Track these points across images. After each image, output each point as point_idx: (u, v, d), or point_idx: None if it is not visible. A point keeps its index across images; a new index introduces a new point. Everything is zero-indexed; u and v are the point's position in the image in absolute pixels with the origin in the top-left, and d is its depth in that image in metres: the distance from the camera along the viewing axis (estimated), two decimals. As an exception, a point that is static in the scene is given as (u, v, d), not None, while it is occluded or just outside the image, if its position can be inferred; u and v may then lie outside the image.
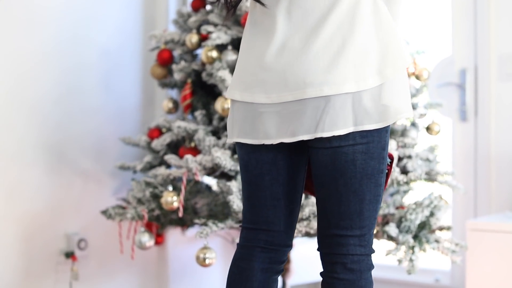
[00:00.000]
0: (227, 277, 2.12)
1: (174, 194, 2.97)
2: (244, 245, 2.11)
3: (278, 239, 2.07)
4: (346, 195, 1.95)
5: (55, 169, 3.41)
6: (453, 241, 3.14)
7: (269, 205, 2.05)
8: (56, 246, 3.41)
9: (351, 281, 1.97)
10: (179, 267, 3.89)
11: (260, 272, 2.06)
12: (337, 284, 1.98)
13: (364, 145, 1.93)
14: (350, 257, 1.96)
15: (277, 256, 2.08)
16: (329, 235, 1.99)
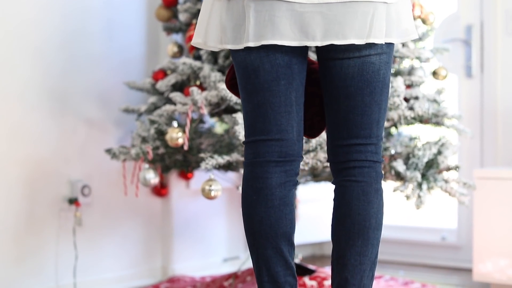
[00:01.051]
0: (242, 202, 2.02)
1: (179, 130, 2.94)
2: (255, 162, 2.00)
3: (292, 149, 2.00)
4: (370, 105, 1.98)
5: (58, 114, 3.38)
6: (460, 180, 3.11)
7: (283, 111, 1.98)
8: (59, 193, 3.38)
9: (368, 183, 2.00)
10: (183, 219, 3.86)
11: (278, 189, 1.98)
12: (355, 186, 1.99)
13: (387, 55, 1.99)
14: (367, 162, 2.00)
15: (293, 167, 2.01)
16: (348, 145, 2.01)
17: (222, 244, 4.08)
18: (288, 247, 2.01)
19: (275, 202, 1.97)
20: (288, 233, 2.00)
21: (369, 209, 1.98)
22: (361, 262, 1.98)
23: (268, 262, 1.99)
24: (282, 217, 1.98)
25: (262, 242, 1.98)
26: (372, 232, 1.98)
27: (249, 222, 2.00)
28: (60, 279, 3.37)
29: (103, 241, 3.56)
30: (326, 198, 4.37)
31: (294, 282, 2.04)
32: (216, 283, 3.48)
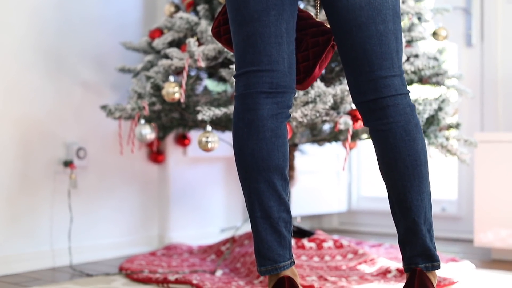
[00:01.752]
0: (232, 135, 1.99)
1: (176, 85, 2.90)
2: (246, 94, 1.97)
3: (283, 80, 1.97)
4: (385, 33, 1.95)
5: (54, 75, 3.34)
6: (461, 137, 3.06)
7: (273, 42, 1.95)
8: (54, 155, 3.33)
9: (407, 120, 1.98)
10: (180, 188, 3.82)
11: (270, 120, 1.95)
12: (395, 128, 1.97)
13: None
14: (399, 97, 1.98)
15: (284, 100, 1.99)
16: (373, 79, 1.97)
17: (220, 214, 4.04)
18: (282, 181, 1.97)
19: (267, 134, 1.94)
20: (280, 167, 1.96)
21: (416, 147, 1.98)
22: (422, 199, 1.99)
23: (260, 196, 1.95)
24: (274, 149, 1.95)
25: (254, 175, 1.95)
26: (424, 168, 1.99)
27: (240, 155, 1.97)
28: (55, 243, 3.32)
29: (98, 205, 3.52)
30: (323, 170, 4.35)
31: (289, 219, 2.00)
32: (213, 249, 3.44)
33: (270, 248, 1.97)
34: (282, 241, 1.97)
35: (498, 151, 3.40)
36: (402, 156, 1.98)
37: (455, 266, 3.11)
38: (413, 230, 2.00)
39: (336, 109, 2.81)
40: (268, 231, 1.96)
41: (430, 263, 2.03)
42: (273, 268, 1.97)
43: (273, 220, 1.95)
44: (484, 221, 3.45)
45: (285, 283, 1.93)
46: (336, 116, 2.81)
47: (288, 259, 1.98)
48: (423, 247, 2.01)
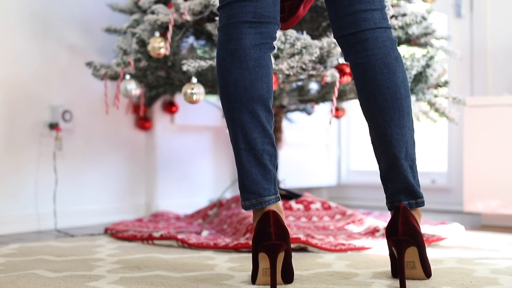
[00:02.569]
0: (216, 66, 1.96)
1: (162, 40, 2.87)
2: (229, 24, 1.94)
3: (267, 10, 1.94)
4: None
5: (40, 37, 3.31)
6: (450, 95, 3.04)
7: None
8: (40, 117, 3.30)
9: (386, 52, 1.96)
10: (167, 156, 3.78)
11: (253, 50, 1.92)
12: (374, 60, 1.96)
13: None
14: (378, 31, 1.96)
15: (268, 30, 1.95)
16: (353, 13, 1.96)
17: (208, 183, 4.01)
18: (266, 113, 1.94)
19: (250, 64, 1.91)
20: (264, 97, 1.93)
21: (395, 80, 1.95)
22: (403, 134, 1.96)
23: (244, 127, 1.92)
24: (257, 79, 1.92)
25: (238, 106, 1.91)
26: (404, 101, 1.96)
27: (223, 86, 1.94)
28: (40, 206, 3.28)
29: (84, 170, 3.48)
30: (313, 143, 4.32)
31: (274, 152, 1.96)
32: (200, 213, 3.41)
33: (254, 181, 1.93)
34: (267, 174, 1.94)
35: (487, 115, 3.38)
36: (381, 89, 1.95)
37: (444, 227, 3.08)
38: (394, 165, 1.97)
39: (323, 63, 2.79)
40: (253, 163, 1.93)
41: (413, 200, 2.00)
42: (258, 202, 1.93)
43: (257, 152, 1.92)
44: (474, 191, 3.42)
45: (270, 217, 1.89)
46: (323, 70, 2.78)
47: (273, 193, 1.95)
48: (405, 182, 1.97)
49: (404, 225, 1.94)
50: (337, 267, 2.26)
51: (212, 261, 2.39)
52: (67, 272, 2.17)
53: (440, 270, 2.18)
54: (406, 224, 1.94)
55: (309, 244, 2.58)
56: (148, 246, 2.77)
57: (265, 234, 1.88)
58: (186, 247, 2.71)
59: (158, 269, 2.22)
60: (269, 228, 1.88)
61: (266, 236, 1.87)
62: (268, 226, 1.88)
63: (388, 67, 1.95)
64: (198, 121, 3.88)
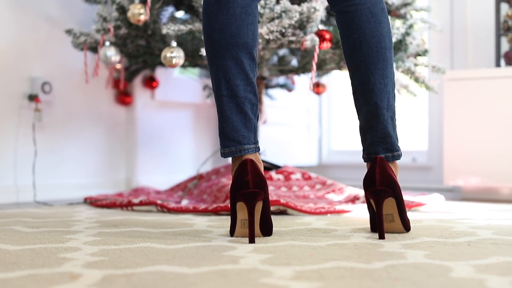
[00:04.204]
0: (202, 12, 1.95)
1: (141, 6, 2.86)
2: None
3: None
4: None
5: (18, 8, 3.28)
6: (429, 63, 3.05)
7: None
8: (19, 88, 3.27)
9: (373, 3, 1.98)
10: (148, 132, 3.77)
11: None
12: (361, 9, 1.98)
13: None
14: None
15: None
16: None
17: (188, 160, 3.99)
18: (249, 61, 1.93)
19: (237, 10, 1.91)
20: (249, 45, 1.93)
21: (381, 30, 1.98)
22: (385, 84, 1.98)
23: (227, 73, 1.91)
24: (243, 26, 1.92)
25: (222, 52, 1.91)
26: (388, 52, 1.98)
27: (209, 31, 1.93)
28: (19, 179, 3.25)
29: (64, 144, 3.46)
30: (294, 123, 4.32)
31: (256, 101, 1.96)
32: (180, 186, 3.39)
33: (235, 128, 1.92)
34: (248, 122, 1.93)
35: (467, 88, 3.39)
36: (367, 37, 1.97)
37: (425, 197, 3.08)
38: (375, 114, 1.98)
39: (302, 29, 2.78)
40: (234, 110, 1.92)
41: (390, 153, 2.01)
42: (237, 149, 1.92)
43: (239, 99, 1.91)
44: (454, 168, 3.43)
45: (247, 165, 1.88)
46: (302, 36, 2.78)
47: (252, 142, 1.94)
48: (384, 132, 1.99)
49: (381, 175, 1.94)
50: (317, 225, 2.26)
51: (191, 221, 2.38)
52: (45, 228, 2.16)
53: (419, 227, 2.18)
54: (383, 174, 1.94)
55: (289, 207, 2.57)
56: (127, 211, 2.76)
57: (243, 182, 1.87)
58: (166, 211, 2.69)
59: (136, 226, 2.21)
60: (246, 176, 1.87)
61: (243, 184, 1.86)
62: (245, 174, 1.87)
63: (375, 17, 1.97)
64: (178, 97, 3.87)
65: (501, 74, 3.33)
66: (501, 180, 3.31)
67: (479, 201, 3.32)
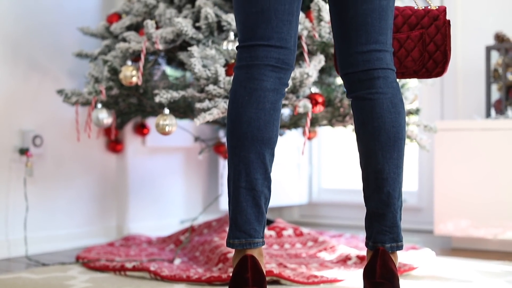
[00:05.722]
0: (230, 102, 1.97)
1: (134, 68, 2.86)
2: (252, 65, 1.96)
3: (288, 58, 1.99)
4: (386, 9, 2.00)
5: (10, 61, 3.27)
6: (421, 123, 3.06)
7: (286, 20, 1.96)
8: (10, 142, 3.26)
9: (395, 94, 2.01)
10: (139, 177, 3.77)
11: (272, 93, 1.95)
12: (383, 98, 1.99)
13: None
14: (389, 71, 2.01)
15: (286, 76, 2.00)
16: (368, 51, 2.00)
17: (179, 204, 3.99)
18: (270, 156, 1.96)
19: (267, 105, 1.94)
20: (272, 140, 1.96)
21: (400, 121, 2.00)
22: (399, 174, 2.01)
23: (249, 166, 1.92)
24: (271, 121, 1.95)
25: (247, 144, 1.93)
26: (403, 142, 2.02)
27: (236, 122, 1.94)
28: (11, 233, 3.24)
29: (55, 195, 3.45)
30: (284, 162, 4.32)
31: (269, 195, 1.98)
32: (172, 238, 3.39)
33: (248, 221, 1.93)
34: (260, 216, 1.95)
35: (457, 139, 3.40)
36: (387, 126, 1.99)
37: (416, 253, 3.10)
38: (387, 202, 2.01)
39: (295, 93, 2.79)
40: (250, 203, 1.93)
41: (395, 243, 2.04)
42: (247, 242, 1.94)
43: (256, 193, 1.93)
44: (444, 212, 3.45)
45: (247, 262, 1.90)
46: (295, 100, 2.79)
47: (261, 236, 1.96)
48: (393, 221, 2.02)
49: (382, 268, 1.96)
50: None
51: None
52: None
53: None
54: (384, 267, 1.96)
55: (282, 277, 2.58)
56: (120, 277, 2.75)
57: (243, 279, 1.88)
58: (159, 279, 2.69)
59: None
60: (246, 273, 1.89)
61: (243, 282, 1.88)
62: (245, 271, 1.89)
63: (395, 107, 2.00)
64: (169, 142, 3.87)
65: (491, 126, 3.34)
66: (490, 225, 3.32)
67: (469, 253, 3.33)
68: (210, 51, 2.71)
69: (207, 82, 2.69)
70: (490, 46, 3.56)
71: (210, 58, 2.72)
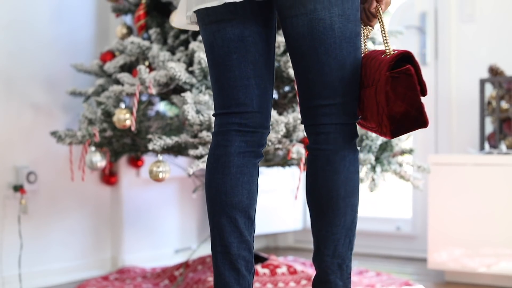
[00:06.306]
0: (205, 169, 2.00)
1: (127, 111, 2.86)
2: (219, 132, 1.99)
3: (253, 121, 1.97)
4: (328, 62, 1.89)
5: (3, 97, 3.26)
6: (415, 164, 3.06)
7: (239, 85, 1.95)
8: (4, 179, 3.26)
9: (334, 150, 1.93)
10: (133, 209, 3.77)
11: (237, 157, 1.95)
12: (320, 155, 1.94)
13: (339, 7, 1.88)
14: (333, 127, 1.93)
15: (254, 139, 1.98)
16: (313, 107, 1.94)
17: (174, 234, 4.00)
18: (245, 219, 1.96)
19: (232, 170, 1.95)
20: (244, 204, 1.95)
21: (335, 179, 1.93)
22: (333, 232, 1.95)
23: (221, 231, 1.94)
24: (238, 185, 1.94)
25: (217, 209, 1.95)
26: (342, 201, 1.93)
27: (208, 189, 1.98)
28: (5, 270, 3.24)
29: (49, 230, 3.45)
30: (279, 188, 4.33)
31: (250, 258, 1.97)
32: (167, 273, 3.40)
33: (227, 284, 1.94)
34: (241, 279, 1.95)
35: (451, 173, 3.41)
36: (319, 185, 1.95)
37: (409, 291, 3.11)
38: (319, 257, 1.98)
39: (288, 137, 2.79)
40: (227, 266, 1.94)
41: None
42: None
43: (232, 256, 1.94)
44: (438, 241, 3.45)
45: None
46: (288, 144, 2.79)
47: None
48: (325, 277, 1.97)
49: None
50: None
51: None
52: None
53: None
54: None
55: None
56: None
57: None
58: (153, 325, 2.70)
59: None
60: None
61: None
62: None
63: (331, 165, 1.93)
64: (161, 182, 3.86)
65: (484, 162, 3.35)
66: (483, 254, 3.33)
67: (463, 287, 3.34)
68: (203, 97, 2.71)
69: (200, 128, 2.69)
70: (484, 79, 3.56)
71: (204, 104, 2.72)
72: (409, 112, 1.84)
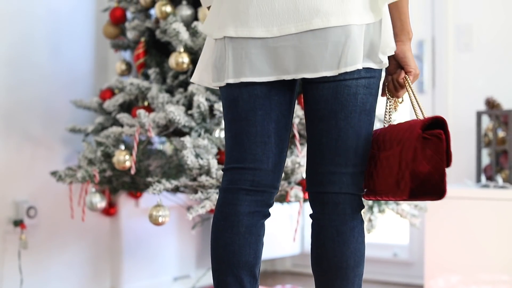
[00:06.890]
0: (212, 225, 1.99)
1: (127, 153, 2.88)
2: (228, 188, 1.98)
3: (265, 179, 1.96)
4: (345, 129, 1.90)
5: (3, 133, 3.28)
6: (412, 203, 3.09)
7: (259, 141, 1.95)
8: (4, 214, 3.28)
9: (343, 221, 1.92)
10: (132, 239, 3.79)
11: (246, 217, 1.94)
12: (328, 226, 1.93)
13: (367, 79, 1.90)
14: (342, 196, 1.92)
15: (264, 198, 1.98)
16: (322, 173, 1.94)
17: (173, 262, 4.02)
18: (250, 278, 1.96)
19: (241, 229, 1.94)
20: (250, 263, 1.95)
21: (344, 251, 1.92)
22: None
23: None
24: (246, 245, 1.94)
25: (224, 268, 1.95)
26: (351, 271, 1.94)
27: (214, 246, 1.98)
28: (5, 304, 3.28)
29: (49, 264, 3.47)
30: (277, 214, 4.35)
31: None
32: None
33: None
34: None
35: (447, 205, 3.44)
36: (328, 256, 1.94)
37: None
38: None
39: (287, 180, 2.81)
40: None
41: None
42: None
43: None
44: (435, 268, 3.48)
45: None
46: (287, 186, 2.81)
47: None
48: None
49: None
50: None
51: None
52: None
53: None
54: None
55: None
56: None
57: None
58: None
59: None
60: None
61: None
62: None
63: (341, 236, 1.92)
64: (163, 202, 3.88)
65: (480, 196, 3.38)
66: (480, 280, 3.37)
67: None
68: (202, 141, 2.74)
69: (199, 172, 2.71)
70: (481, 111, 3.59)
71: (203, 147, 2.74)
72: (432, 175, 1.83)
